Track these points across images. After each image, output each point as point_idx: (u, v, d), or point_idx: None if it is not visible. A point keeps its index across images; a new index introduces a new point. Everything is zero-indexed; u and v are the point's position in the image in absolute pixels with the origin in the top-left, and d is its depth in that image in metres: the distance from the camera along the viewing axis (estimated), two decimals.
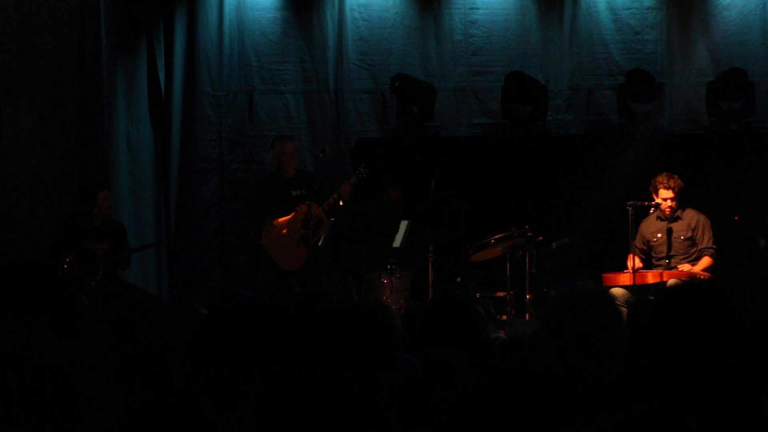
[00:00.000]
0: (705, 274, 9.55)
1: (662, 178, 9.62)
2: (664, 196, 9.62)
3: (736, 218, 10.40)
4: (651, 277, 9.58)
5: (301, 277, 9.96)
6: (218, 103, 11.78)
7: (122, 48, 11.27)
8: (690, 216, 9.78)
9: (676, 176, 9.63)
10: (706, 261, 9.72)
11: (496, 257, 10.25)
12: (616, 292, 9.30)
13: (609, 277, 9.65)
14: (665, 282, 9.40)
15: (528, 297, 9.99)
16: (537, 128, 11.28)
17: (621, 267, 9.75)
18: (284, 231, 10.01)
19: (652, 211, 9.76)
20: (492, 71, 11.59)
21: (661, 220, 9.79)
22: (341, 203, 9.87)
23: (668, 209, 9.68)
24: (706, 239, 9.76)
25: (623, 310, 3.99)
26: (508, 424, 2.17)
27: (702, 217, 9.79)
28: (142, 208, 11.42)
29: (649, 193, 9.70)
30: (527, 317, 9.92)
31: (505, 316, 10.00)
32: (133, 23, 11.45)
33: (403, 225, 9.97)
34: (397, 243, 9.93)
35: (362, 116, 11.77)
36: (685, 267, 9.66)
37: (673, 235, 9.77)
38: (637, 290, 9.24)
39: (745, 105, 10.92)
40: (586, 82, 11.60)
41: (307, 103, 11.79)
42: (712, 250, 9.74)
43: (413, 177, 10.72)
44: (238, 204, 11.73)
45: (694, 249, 9.77)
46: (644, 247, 9.85)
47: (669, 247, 9.76)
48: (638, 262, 9.63)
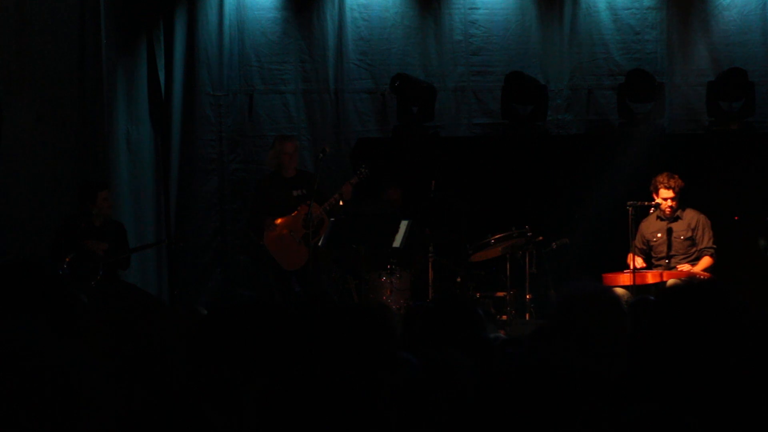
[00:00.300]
0: (705, 274, 9.55)
1: (663, 177, 9.62)
2: (665, 195, 9.62)
3: (736, 218, 10.39)
4: (651, 277, 9.58)
5: (301, 277, 9.95)
6: (218, 103, 11.77)
7: (122, 48, 11.26)
8: (690, 216, 9.78)
9: (676, 176, 9.63)
10: (706, 261, 9.72)
11: (496, 257, 10.25)
12: (617, 292, 9.29)
13: (609, 277, 9.65)
14: (665, 282, 9.40)
15: (528, 297, 9.99)
16: (537, 128, 11.28)
17: (621, 267, 9.75)
18: (285, 231, 10.00)
19: (652, 211, 9.76)
20: (492, 71, 11.59)
21: (661, 219, 9.79)
22: (341, 203, 9.86)
23: (668, 209, 9.68)
24: (706, 239, 9.76)
25: None
26: (509, 424, 2.17)
27: (702, 217, 9.79)
28: (142, 208, 11.41)
29: (650, 193, 9.69)
30: (527, 317, 9.92)
31: (505, 316, 9.99)
32: (133, 23, 11.45)
33: (403, 225, 9.97)
34: (397, 243, 9.93)
35: (362, 116, 11.76)
36: (684, 267, 9.66)
37: (673, 235, 9.77)
38: (637, 290, 9.24)
39: (745, 105, 10.92)
40: (586, 82, 11.60)
41: (307, 103, 11.78)
42: (712, 250, 9.74)
43: (413, 177, 10.72)
44: (238, 204, 11.72)
45: (694, 249, 9.77)
46: (644, 247, 9.85)
47: (669, 247, 9.76)
48: (641, 261, 9.63)
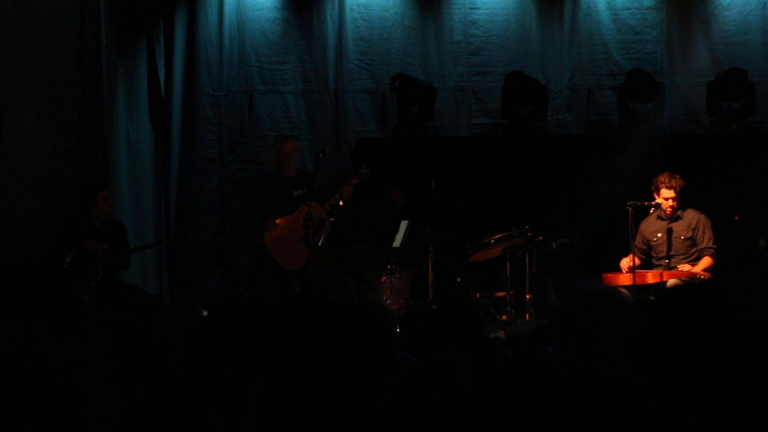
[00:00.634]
0: (705, 274, 9.55)
1: (664, 177, 9.62)
2: (666, 195, 9.62)
3: (736, 218, 10.39)
4: (651, 277, 9.58)
5: (301, 277, 9.95)
6: (218, 103, 11.77)
7: (122, 48, 11.26)
8: (690, 216, 9.78)
9: (677, 176, 9.63)
10: (706, 261, 9.71)
11: (496, 257, 10.25)
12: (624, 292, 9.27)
13: (609, 277, 9.65)
14: (665, 282, 9.40)
15: (528, 297, 9.99)
16: (537, 128, 11.28)
17: (620, 268, 9.74)
18: (285, 231, 10.00)
19: (652, 211, 9.75)
20: (492, 71, 11.59)
21: (662, 219, 9.79)
22: (342, 203, 9.86)
23: (669, 209, 9.68)
24: (706, 239, 9.76)
25: None
26: (509, 424, 2.17)
27: (702, 217, 9.79)
28: (142, 208, 11.41)
29: (650, 193, 9.69)
30: (527, 317, 9.92)
31: (505, 316, 9.99)
32: (133, 23, 11.45)
33: (403, 225, 9.97)
34: (397, 243, 9.93)
35: (362, 116, 11.76)
36: (685, 267, 9.65)
37: (673, 234, 9.77)
38: (637, 290, 9.23)
39: (745, 105, 10.92)
40: (586, 82, 11.60)
41: (307, 103, 11.78)
42: (712, 250, 9.74)
43: (413, 177, 10.72)
44: (238, 204, 11.72)
45: (694, 249, 9.77)
46: (644, 247, 9.85)
47: (669, 246, 9.76)
48: (637, 262, 9.62)
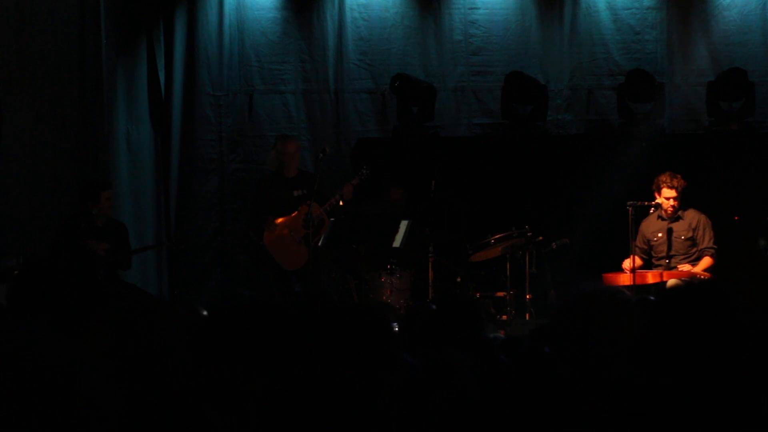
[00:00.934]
0: (705, 274, 9.55)
1: (666, 177, 9.62)
2: (668, 195, 9.62)
3: (736, 218, 10.39)
4: (651, 277, 9.58)
5: (301, 277, 9.95)
6: (218, 103, 11.77)
7: (122, 48, 11.26)
8: (691, 216, 9.78)
9: (679, 176, 9.63)
10: (706, 261, 9.71)
11: (496, 257, 10.25)
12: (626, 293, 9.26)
13: (609, 277, 9.65)
14: (665, 282, 9.40)
15: (528, 297, 9.98)
16: (537, 128, 11.28)
17: (621, 267, 9.74)
18: (286, 231, 10.00)
19: (652, 211, 9.75)
20: (492, 71, 11.59)
21: (662, 219, 9.79)
22: (342, 203, 9.86)
23: (671, 209, 9.68)
24: (706, 239, 9.75)
25: None
26: (509, 424, 2.17)
27: (703, 218, 9.79)
28: (142, 208, 11.41)
29: (650, 193, 9.69)
30: (527, 317, 9.92)
31: (505, 316, 9.99)
32: (133, 23, 11.45)
33: (403, 225, 9.97)
34: (397, 243, 9.92)
35: (362, 116, 11.76)
36: (685, 267, 9.65)
37: (674, 234, 9.77)
38: (637, 290, 9.23)
39: (745, 105, 10.92)
40: (586, 82, 11.60)
41: (307, 103, 11.78)
42: (712, 250, 9.74)
43: (413, 177, 10.72)
44: (238, 204, 11.72)
45: (695, 249, 9.76)
46: (645, 247, 9.85)
47: (669, 246, 9.76)
48: (638, 261, 9.62)
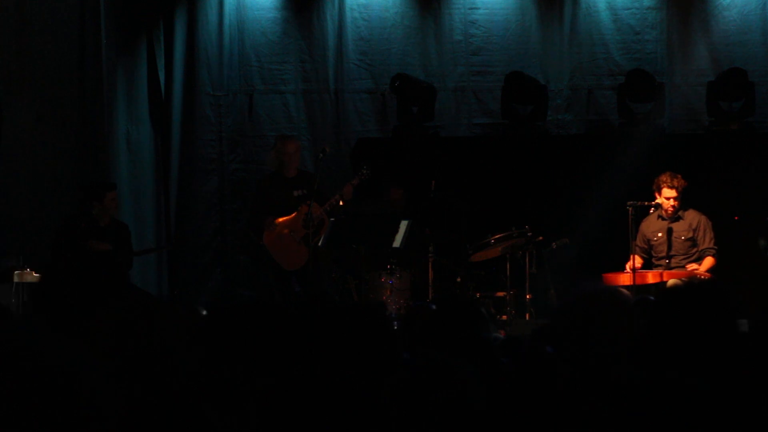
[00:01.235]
0: (706, 274, 9.55)
1: (666, 177, 9.61)
2: (668, 195, 9.61)
3: (736, 218, 10.39)
4: (651, 277, 9.58)
5: (301, 277, 9.95)
6: (218, 103, 11.77)
7: (122, 48, 11.27)
8: (692, 216, 9.77)
9: (679, 176, 9.62)
10: (709, 261, 9.70)
11: (496, 257, 10.24)
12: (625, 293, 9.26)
13: (609, 277, 9.65)
14: (665, 282, 9.39)
15: (528, 297, 9.98)
16: (537, 128, 11.28)
17: (621, 267, 9.74)
18: (286, 231, 9.99)
19: (652, 211, 9.75)
20: (492, 71, 11.59)
21: (662, 219, 9.79)
22: (342, 204, 9.86)
23: (671, 209, 9.67)
24: (707, 240, 9.75)
25: None
26: (509, 423, 2.17)
27: (704, 218, 9.78)
28: (142, 208, 11.41)
29: (650, 193, 9.68)
30: (527, 317, 9.91)
31: (505, 316, 9.98)
32: (133, 23, 11.45)
33: (403, 225, 9.96)
34: (397, 243, 9.92)
35: (362, 116, 11.76)
36: (692, 266, 9.63)
37: (674, 234, 9.77)
38: (637, 290, 9.23)
39: (745, 105, 10.92)
40: (586, 82, 11.60)
41: (307, 103, 11.78)
42: (714, 251, 9.73)
43: (413, 177, 10.72)
44: (238, 204, 11.72)
45: (695, 249, 9.76)
46: (645, 246, 9.84)
47: (669, 246, 9.76)
48: (638, 261, 9.62)
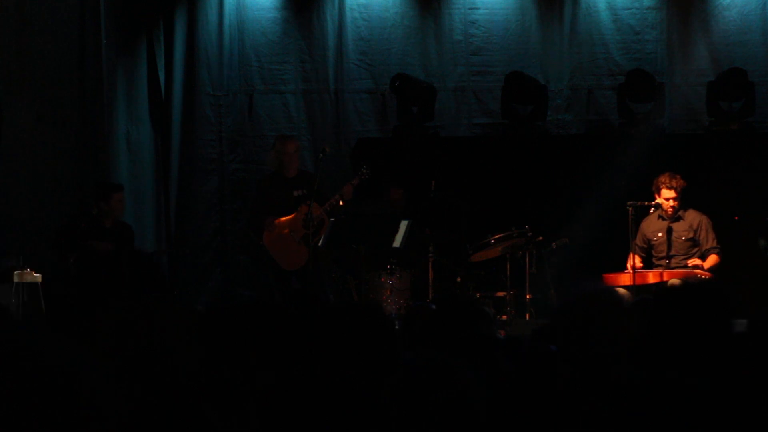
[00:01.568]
0: (706, 273, 9.54)
1: (665, 178, 9.61)
2: (667, 195, 9.61)
3: (736, 218, 10.39)
4: (651, 277, 9.57)
5: (301, 277, 9.95)
6: (218, 103, 11.78)
7: (122, 48, 11.27)
8: (692, 217, 9.77)
9: (678, 176, 9.62)
10: (713, 259, 9.69)
11: (496, 257, 10.24)
12: (620, 292, 9.28)
13: (609, 277, 9.65)
14: (665, 282, 9.39)
15: (528, 297, 9.98)
16: (537, 128, 11.28)
17: (621, 267, 9.75)
18: (286, 231, 10.00)
19: (652, 211, 9.75)
20: (492, 71, 11.59)
21: (663, 219, 9.79)
22: (342, 204, 9.86)
23: (670, 209, 9.67)
24: (710, 239, 9.74)
25: None
26: (510, 423, 2.17)
27: (704, 218, 9.78)
28: (142, 208, 11.41)
29: (650, 193, 9.68)
30: (527, 317, 9.91)
31: (505, 316, 9.98)
32: (133, 23, 11.46)
33: (403, 225, 9.96)
34: (397, 243, 9.92)
35: (362, 116, 11.76)
36: (695, 261, 9.62)
37: (674, 234, 9.77)
38: (637, 290, 9.24)
39: (745, 105, 10.92)
40: (586, 82, 11.60)
41: (307, 103, 11.78)
42: (717, 249, 9.72)
43: (413, 177, 10.72)
44: (238, 204, 11.72)
45: (696, 249, 9.76)
46: (645, 246, 9.84)
47: (669, 246, 9.76)
48: (638, 261, 9.62)
